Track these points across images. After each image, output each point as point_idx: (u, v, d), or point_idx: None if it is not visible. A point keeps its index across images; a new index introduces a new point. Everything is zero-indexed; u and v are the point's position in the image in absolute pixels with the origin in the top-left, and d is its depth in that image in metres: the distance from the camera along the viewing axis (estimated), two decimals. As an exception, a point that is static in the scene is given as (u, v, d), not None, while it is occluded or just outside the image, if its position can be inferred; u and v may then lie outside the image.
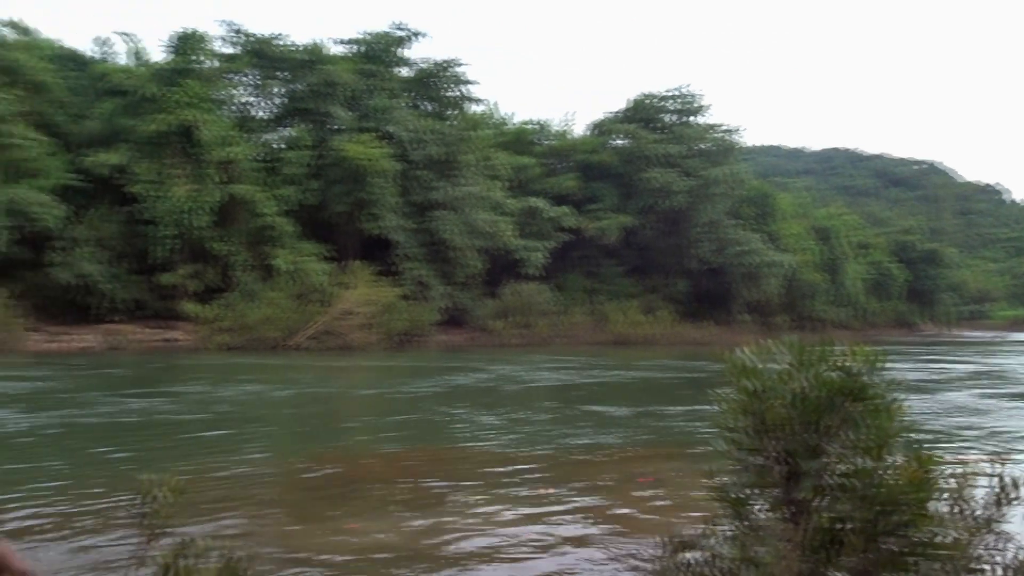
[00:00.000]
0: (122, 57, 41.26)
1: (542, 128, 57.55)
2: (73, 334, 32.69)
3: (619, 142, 55.20)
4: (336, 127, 41.37)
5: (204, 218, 34.81)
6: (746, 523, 2.99)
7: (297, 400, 18.53)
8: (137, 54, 40.16)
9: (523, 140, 55.93)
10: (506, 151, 51.90)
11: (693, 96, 55.69)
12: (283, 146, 41.70)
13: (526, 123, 57.87)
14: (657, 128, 54.90)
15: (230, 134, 37.42)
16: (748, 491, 2.96)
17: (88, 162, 34.46)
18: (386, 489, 9.32)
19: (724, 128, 55.57)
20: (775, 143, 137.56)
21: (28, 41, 38.99)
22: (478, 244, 43.54)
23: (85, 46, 47.21)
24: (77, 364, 25.26)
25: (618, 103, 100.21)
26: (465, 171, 43.81)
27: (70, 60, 40.12)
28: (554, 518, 8.01)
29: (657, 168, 51.10)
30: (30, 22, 38.63)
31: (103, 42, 41.70)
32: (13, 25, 39.11)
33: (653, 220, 52.05)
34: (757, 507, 2.99)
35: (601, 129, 56.46)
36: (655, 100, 55.99)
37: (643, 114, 55.44)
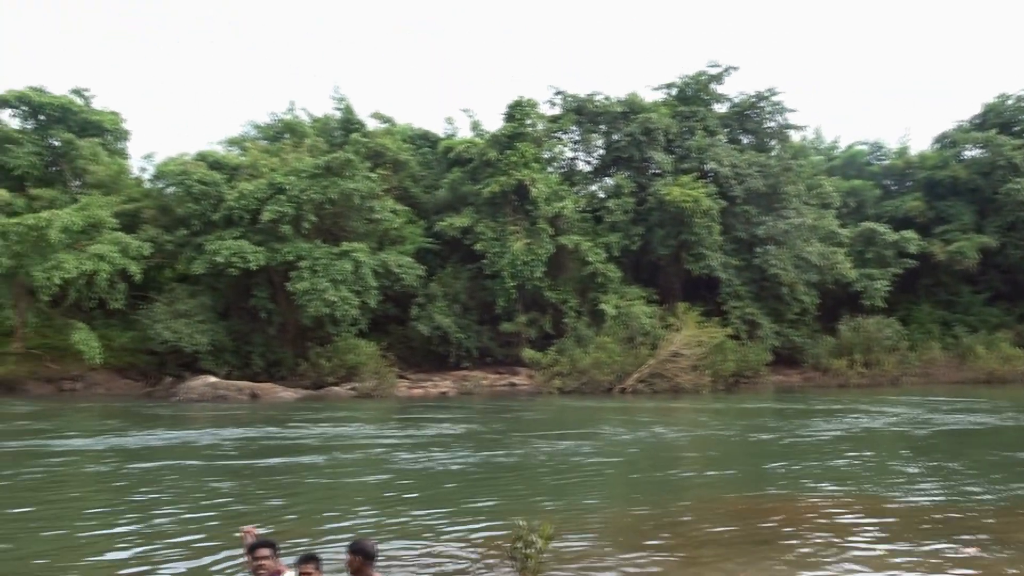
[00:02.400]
0: (464, 131, 46.15)
1: (875, 148, 52.95)
2: (432, 380, 36.63)
3: (972, 153, 48.83)
4: (655, 171, 41.96)
5: (539, 269, 37.19)
6: None
7: (688, 443, 18.70)
8: (475, 126, 44.61)
9: (855, 163, 51.96)
10: (835, 176, 48.60)
11: (1066, 89, 47.58)
12: (605, 195, 43.24)
13: (856, 144, 53.71)
14: (1020, 132, 47.66)
15: (558, 189, 39.80)
16: None
17: (440, 226, 38.79)
18: (783, 537, 8.89)
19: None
20: None
21: (388, 127, 45.30)
22: (810, 278, 40.99)
23: (433, 125, 53.45)
24: (484, 408, 28.16)
25: (965, 110, 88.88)
26: (791, 202, 41.71)
27: (422, 139, 45.81)
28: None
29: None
30: (388, 111, 44.87)
31: (449, 120, 47.04)
32: (377, 116, 45.78)
33: (1021, 237, 44.95)
34: None
35: (947, 141, 50.43)
36: (1015, 100, 48.77)
37: (1000, 118, 48.56)
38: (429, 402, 31.05)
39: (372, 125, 44.89)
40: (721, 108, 46.26)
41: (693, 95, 45.54)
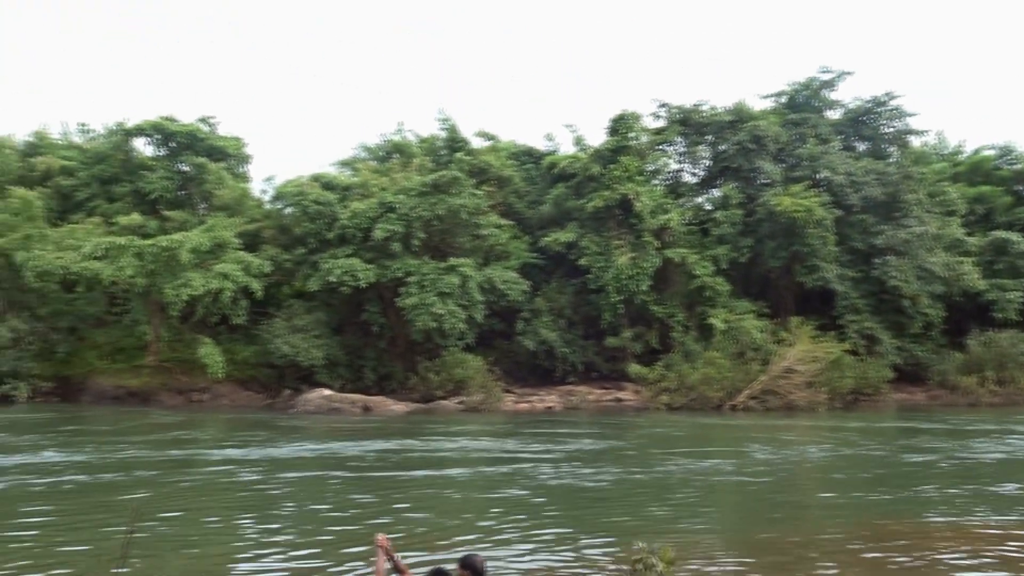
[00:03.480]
0: (566, 146, 46.34)
1: (1005, 152, 49.73)
2: (538, 395, 36.74)
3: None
4: (765, 181, 40.84)
5: (644, 283, 36.79)
6: None
7: (833, 463, 18.01)
8: (578, 141, 44.70)
9: (981, 168, 48.94)
10: (960, 183, 45.99)
11: None
12: (712, 207, 42.43)
13: (983, 148, 50.61)
14: None
15: (663, 202, 39.36)
16: None
17: (544, 241, 39.00)
18: (951, 569, 8.42)
19: None
20: None
21: (493, 145, 45.97)
22: (934, 289, 38.80)
23: (537, 141, 53.86)
24: (613, 424, 28.08)
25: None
26: (912, 210, 39.68)
27: (525, 155, 46.23)
28: None
29: None
30: (492, 129, 45.68)
31: (550, 136, 47.37)
32: (481, 134, 46.53)
33: None
34: None
35: (1088, 141, 46.77)
36: None
37: None
38: (538, 417, 31.16)
39: (477, 143, 45.68)
40: (834, 115, 44.63)
41: (804, 102, 44.14)
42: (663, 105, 43.83)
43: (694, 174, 45.35)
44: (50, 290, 35.96)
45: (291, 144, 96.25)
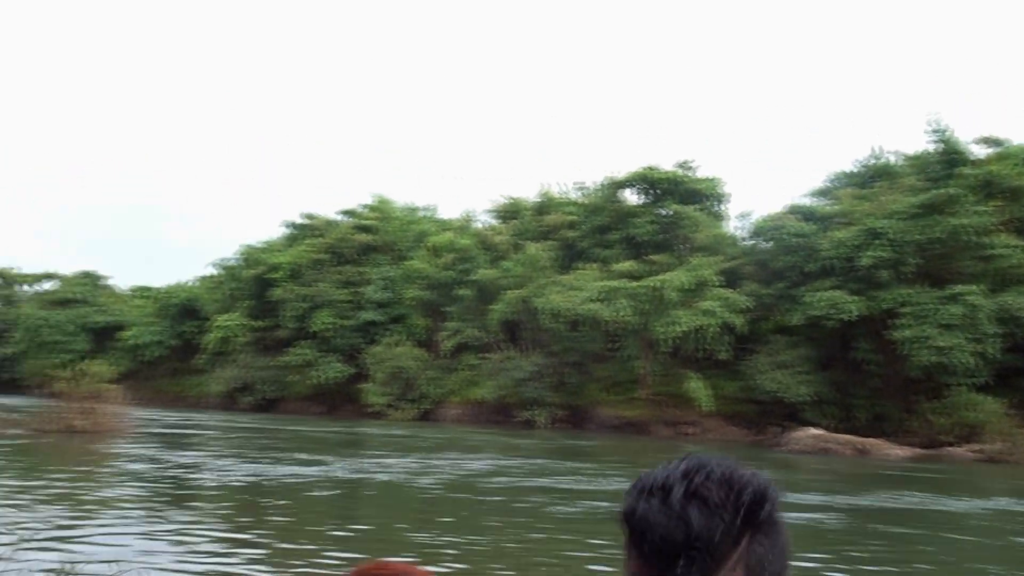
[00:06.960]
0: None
1: None
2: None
3: None
4: None
5: None
6: None
7: None
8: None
9: None
10: None
11: None
12: None
13: None
14: None
15: None
16: None
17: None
18: None
19: None
20: None
21: (1001, 152, 39.85)
22: None
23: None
24: None
25: None
26: None
27: (1048, 157, 39.07)
28: None
29: None
30: (1000, 133, 39.40)
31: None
32: (984, 140, 40.66)
33: None
34: None
35: None
36: None
37: None
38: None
39: (979, 152, 40.12)
40: None
41: None
42: None
43: None
44: (560, 329, 41.32)
45: (763, 178, 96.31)
